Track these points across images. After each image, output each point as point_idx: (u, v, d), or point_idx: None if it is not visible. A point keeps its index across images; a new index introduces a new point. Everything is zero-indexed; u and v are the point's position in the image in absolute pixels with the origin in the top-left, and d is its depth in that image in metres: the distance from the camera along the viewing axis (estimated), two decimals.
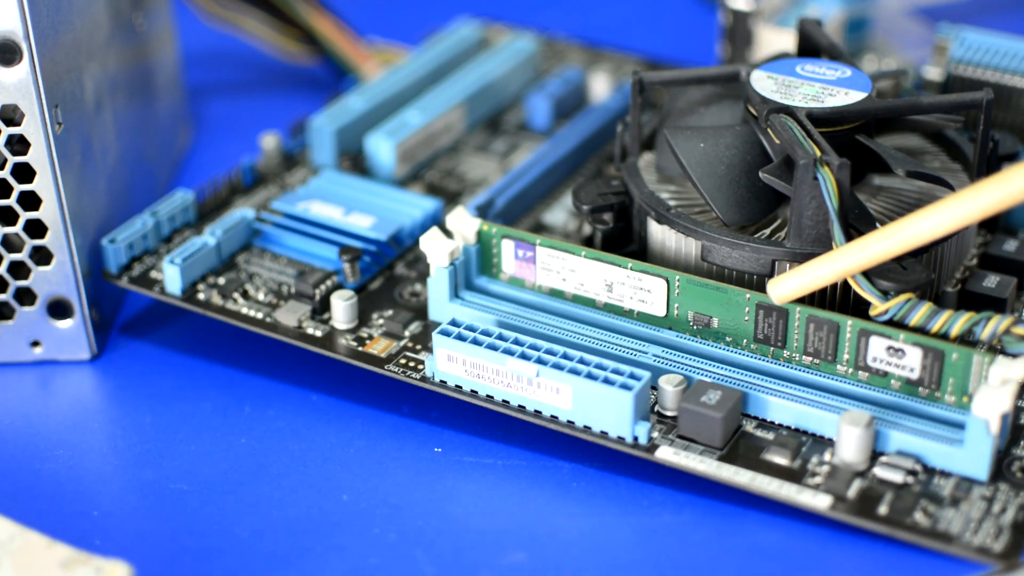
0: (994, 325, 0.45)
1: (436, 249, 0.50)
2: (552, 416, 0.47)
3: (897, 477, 0.45)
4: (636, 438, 0.46)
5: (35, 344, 0.53)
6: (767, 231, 0.50)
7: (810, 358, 0.48)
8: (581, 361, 0.47)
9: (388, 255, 0.54)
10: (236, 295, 0.53)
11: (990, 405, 0.43)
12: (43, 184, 0.51)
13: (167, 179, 0.65)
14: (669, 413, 0.47)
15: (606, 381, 0.46)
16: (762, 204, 0.50)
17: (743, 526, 0.46)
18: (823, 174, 0.46)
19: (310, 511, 0.47)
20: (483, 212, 0.55)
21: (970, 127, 0.54)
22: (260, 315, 0.52)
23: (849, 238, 0.46)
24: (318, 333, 0.51)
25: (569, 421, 0.47)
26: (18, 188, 0.51)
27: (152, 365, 0.54)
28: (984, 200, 0.42)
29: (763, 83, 0.51)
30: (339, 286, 0.53)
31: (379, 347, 0.50)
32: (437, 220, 0.56)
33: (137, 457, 0.50)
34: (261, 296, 0.53)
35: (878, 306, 0.45)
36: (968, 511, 0.44)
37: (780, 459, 0.46)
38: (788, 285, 0.46)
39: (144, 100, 0.61)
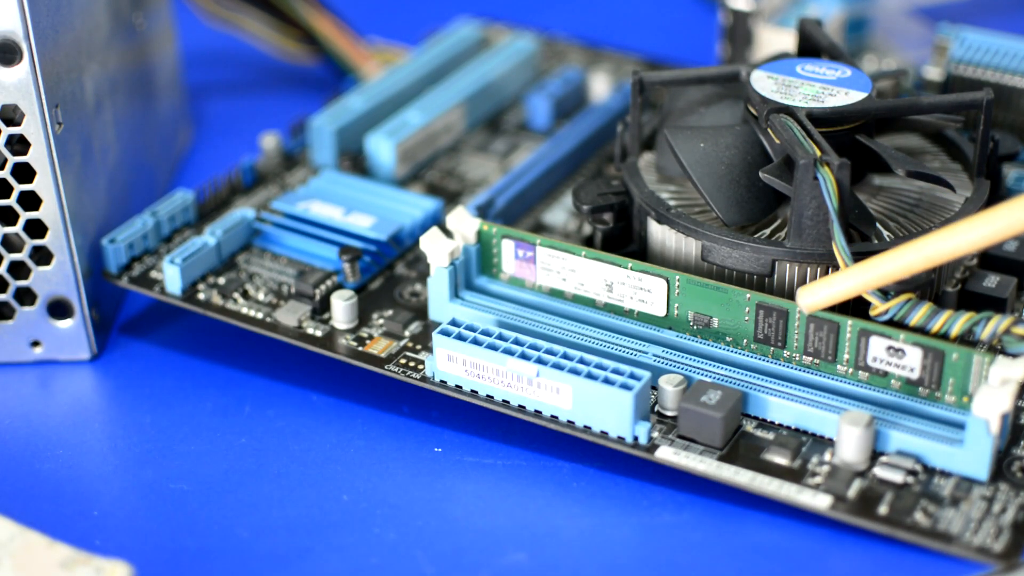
0: (994, 325, 0.45)
1: (436, 249, 0.50)
2: (552, 416, 0.47)
3: (897, 477, 0.45)
4: (636, 438, 0.46)
5: (35, 344, 0.53)
6: (767, 231, 0.50)
7: (810, 358, 0.48)
8: (581, 361, 0.47)
9: (388, 255, 0.54)
10: (236, 295, 0.53)
11: (990, 405, 0.43)
12: (43, 184, 0.51)
13: (167, 179, 0.65)
14: (669, 413, 0.47)
15: (606, 381, 0.46)
16: (762, 204, 0.50)
17: (743, 526, 0.46)
18: (823, 174, 0.46)
19: (310, 511, 0.47)
20: (483, 212, 0.55)
21: (970, 127, 0.54)
22: (260, 315, 0.52)
23: (849, 238, 0.46)
24: (318, 333, 0.51)
25: (569, 421, 0.47)
26: (18, 188, 0.51)
27: (152, 365, 0.54)
28: None
29: (763, 83, 0.51)
30: (339, 286, 0.53)
31: (379, 347, 0.50)
32: (437, 220, 0.56)
33: (137, 457, 0.50)
34: (261, 296, 0.53)
35: (878, 306, 0.45)
36: (968, 511, 0.44)
37: (780, 459, 0.46)
38: (819, 295, 0.45)
39: (144, 100, 0.61)
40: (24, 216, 0.51)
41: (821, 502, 0.44)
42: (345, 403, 0.51)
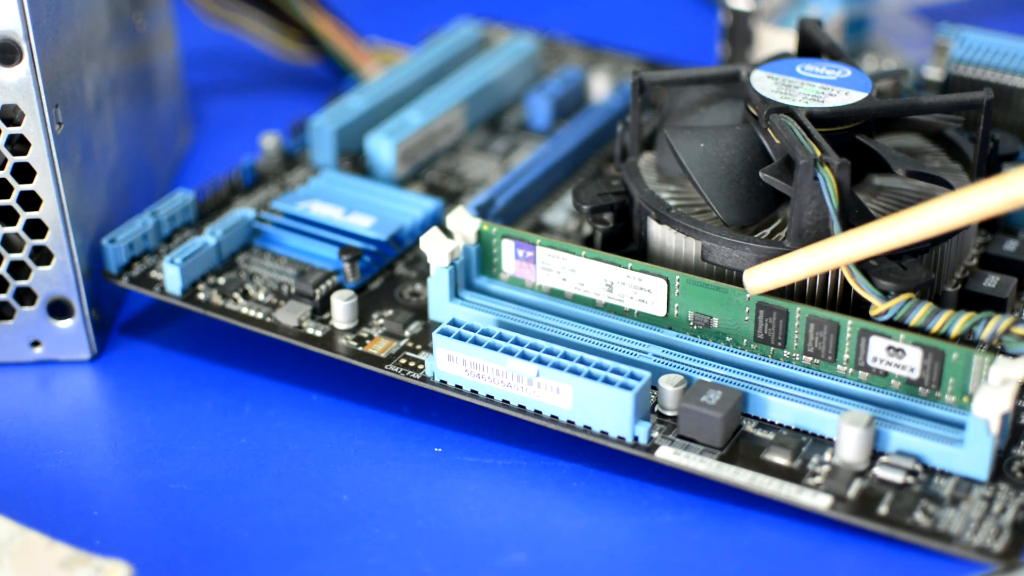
0: (994, 325, 0.45)
1: (436, 249, 0.50)
2: (552, 416, 0.47)
3: (897, 477, 0.45)
4: (636, 438, 0.46)
5: (35, 344, 0.53)
6: (767, 231, 0.50)
7: (810, 358, 0.48)
8: (581, 361, 0.47)
9: (388, 255, 0.54)
10: (236, 295, 0.53)
11: (990, 405, 0.43)
12: (43, 184, 0.51)
13: (167, 179, 0.65)
14: (669, 413, 0.47)
15: (606, 381, 0.46)
16: (762, 204, 0.50)
17: (743, 526, 0.46)
18: (823, 174, 0.46)
19: (310, 511, 0.47)
20: (483, 212, 0.55)
21: (970, 127, 0.54)
22: (260, 315, 0.52)
23: None
24: (318, 333, 0.51)
25: (569, 421, 0.47)
26: (18, 188, 0.51)
27: (152, 365, 0.54)
28: (978, 202, 0.42)
29: (763, 83, 0.51)
30: (339, 286, 0.53)
31: (379, 347, 0.50)
32: (437, 220, 0.56)
33: (137, 457, 0.50)
34: (261, 296, 0.53)
35: (878, 306, 0.45)
36: (968, 511, 0.44)
37: (780, 459, 0.46)
38: (764, 276, 0.46)
39: (144, 100, 0.61)
40: (24, 216, 0.51)
41: (821, 502, 0.44)
42: (345, 403, 0.51)
